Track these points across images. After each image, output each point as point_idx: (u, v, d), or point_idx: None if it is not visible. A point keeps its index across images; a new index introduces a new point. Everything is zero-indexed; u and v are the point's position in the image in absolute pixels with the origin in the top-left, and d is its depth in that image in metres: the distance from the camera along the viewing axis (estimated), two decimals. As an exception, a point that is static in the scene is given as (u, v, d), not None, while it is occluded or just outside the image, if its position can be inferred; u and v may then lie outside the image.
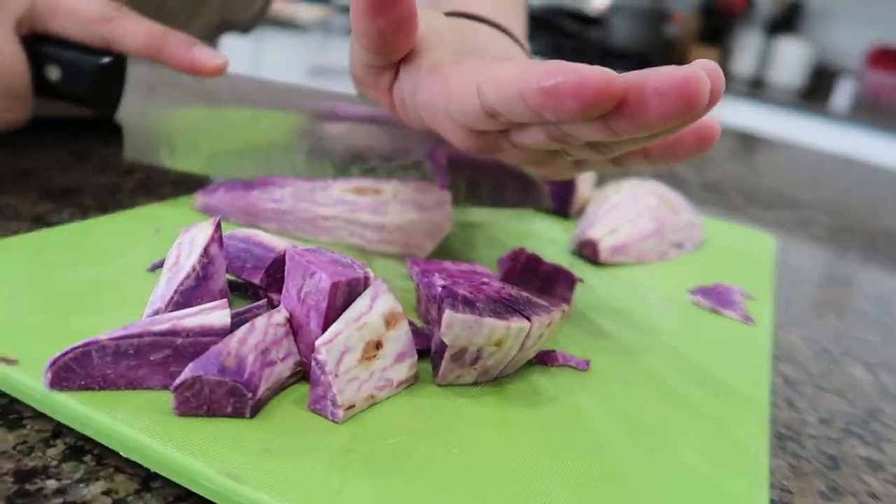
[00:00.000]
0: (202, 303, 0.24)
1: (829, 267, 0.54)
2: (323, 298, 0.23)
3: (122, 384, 0.21)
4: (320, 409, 0.22)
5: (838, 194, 0.86)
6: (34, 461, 0.20)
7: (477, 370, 0.25)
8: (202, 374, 0.20)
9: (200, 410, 0.21)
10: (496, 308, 0.25)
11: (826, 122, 2.37)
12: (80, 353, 0.21)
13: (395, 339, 0.24)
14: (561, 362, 0.28)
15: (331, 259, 0.24)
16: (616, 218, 0.42)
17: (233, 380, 0.20)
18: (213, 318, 0.22)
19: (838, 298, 0.47)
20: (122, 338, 0.21)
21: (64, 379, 0.21)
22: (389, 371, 0.23)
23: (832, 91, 2.67)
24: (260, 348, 0.22)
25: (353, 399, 0.22)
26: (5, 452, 0.20)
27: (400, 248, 0.36)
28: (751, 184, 0.81)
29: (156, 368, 0.22)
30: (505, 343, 0.24)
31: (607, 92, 0.20)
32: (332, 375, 0.22)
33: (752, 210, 0.67)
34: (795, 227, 0.64)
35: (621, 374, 0.28)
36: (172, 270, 0.25)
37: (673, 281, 0.40)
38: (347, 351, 0.22)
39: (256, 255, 0.27)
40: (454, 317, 0.23)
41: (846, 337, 0.40)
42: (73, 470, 0.20)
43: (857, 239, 0.64)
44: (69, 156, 0.45)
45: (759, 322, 0.36)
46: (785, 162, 1.06)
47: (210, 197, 0.37)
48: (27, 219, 0.35)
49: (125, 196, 0.40)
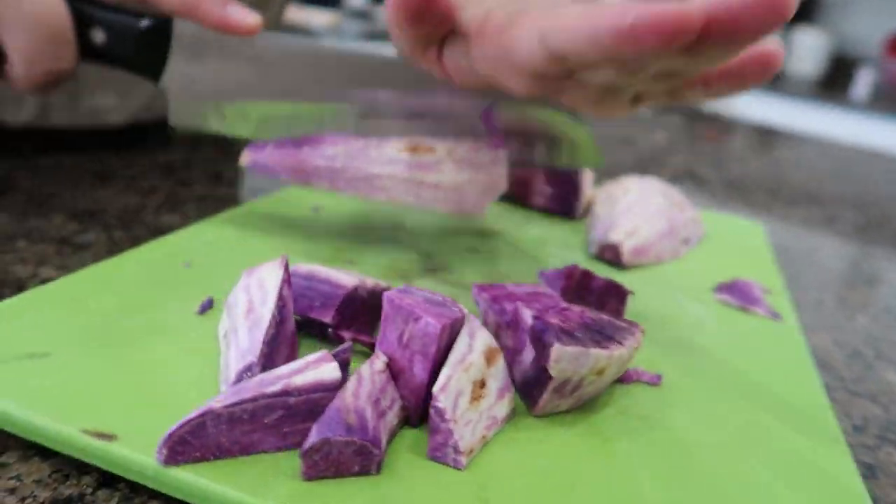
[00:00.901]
0: (281, 348, 0.24)
1: (858, 265, 0.53)
2: (431, 342, 0.22)
3: (237, 451, 0.20)
4: (441, 457, 0.21)
5: (864, 188, 0.84)
6: (69, 489, 0.20)
7: (574, 398, 0.25)
8: (330, 437, 0.19)
9: (329, 472, 0.20)
10: (594, 336, 0.24)
11: (846, 113, 2.34)
12: (195, 424, 0.20)
13: (495, 376, 0.23)
14: (634, 379, 0.28)
15: (425, 299, 0.23)
16: (633, 219, 0.42)
17: (360, 438, 0.20)
18: (324, 372, 0.21)
19: (868, 298, 0.46)
20: (236, 404, 0.20)
21: (179, 453, 0.20)
22: (494, 409, 0.23)
23: (852, 81, 2.62)
24: (372, 399, 0.21)
25: (471, 443, 0.22)
26: (41, 481, 0.20)
27: (455, 207, 0.36)
28: (774, 180, 0.80)
29: (269, 431, 0.21)
30: (607, 371, 0.24)
31: (689, 24, 0.20)
32: (452, 422, 0.21)
33: (777, 208, 0.66)
34: (822, 224, 0.63)
35: (691, 387, 0.29)
36: (250, 318, 0.24)
37: (693, 280, 0.40)
38: (460, 395, 0.22)
39: (323, 292, 0.27)
40: (563, 350, 0.23)
41: (879, 339, 0.39)
42: (107, 498, 0.20)
43: (887, 235, 0.63)
44: (91, 177, 0.45)
45: (786, 318, 0.37)
46: (807, 156, 1.04)
47: (259, 154, 0.35)
48: (54, 240, 0.35)
49: (149, 214, 0.40)
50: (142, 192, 0.44)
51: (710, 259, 0.44)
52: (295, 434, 0.21)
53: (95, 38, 0.35)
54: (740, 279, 0.40)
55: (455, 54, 0.30)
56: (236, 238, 0.35)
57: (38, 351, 0.23)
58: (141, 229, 0.38)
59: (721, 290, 0.39)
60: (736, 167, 0.84)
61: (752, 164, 0.90)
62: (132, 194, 0.43)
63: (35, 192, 0.41)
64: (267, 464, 0.20)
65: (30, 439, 0.21)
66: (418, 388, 0.22)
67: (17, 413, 0.21)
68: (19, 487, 0.20)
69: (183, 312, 0.28)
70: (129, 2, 0.34)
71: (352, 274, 0.28)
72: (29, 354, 0.23)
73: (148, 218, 0.40)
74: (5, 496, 0.20)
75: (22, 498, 0.20)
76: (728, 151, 0.98)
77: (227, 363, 0.23)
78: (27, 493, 0.20)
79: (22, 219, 0.37)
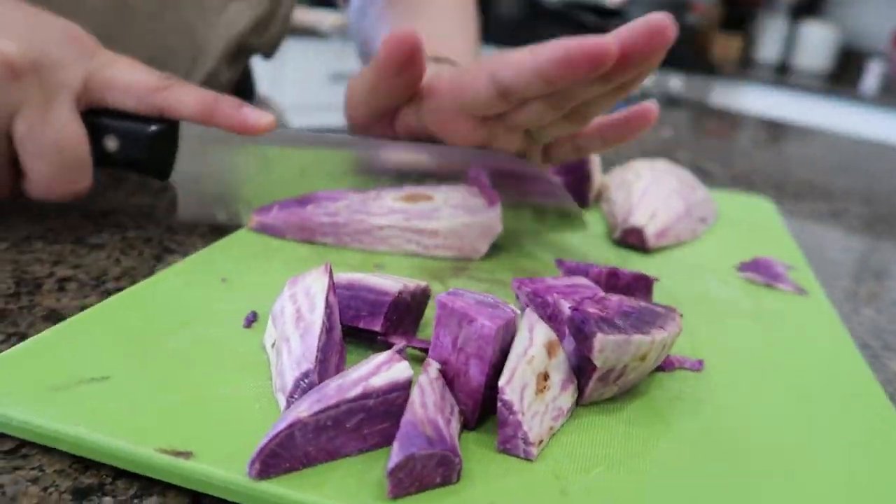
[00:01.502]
0: (331, 355, 0.24)
1: (865, 259, 0.53)
2: (487, 344, 0.22)
3: (322, 458, 0.20)
4: (511, 449, 0.22)
5: (872, 182, 0.84)
6: (89, 479, 0.21)
7: (618, 385, 0.25)
8: (414, 452, 0.19)
9: (413, 488, 0.20)
10: (634, 323, 0.24)
11: (855, 106, 2.32)
12: (285, 435, 0.20)
13: (557, 368, 0.24)
14: (676, 366, 0.28)
15: (476, 301, 0.23)
16: (651, 202, 0.43)
17: (442, 449, 0.20)
18: (397, 372, 0.21)
19: (875, 291, 0.46)
20: (321, 411, 0.20)
21: (271, 466, 0.20)
22: (559, 400, 0.23)
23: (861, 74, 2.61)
24: (439, 407, 0.21)
25: (540, 434, 0.22)
26: (63, 471, 0.21)
27: (456, 252, 0.37)
28: (781, 174, 0.80)
29: (351, 435, 0.21)
30: (649, 356, 0.25)
31: (609, 51, 0.26)
32: (520, 414, 0.22)
33: (785, 202, 0.66)
34: (829, 218, 0.63)
35: (736, 369, 0.29)
36: (300, 326, 0.24)
37: (716, 259, 0.41)
38: (525, 387, 0.22)
39: (369, 300, 0.27)
40: (606, 340, 0.23)
41: (885, 331, 0.40)
42: (127, 486, 0.21)
43: (894, 229, 0.63)
44: (106, 179, 0.46)
45: (812, 293, 0.38)
46: (815, 150, 1.04)
47: (265, 216, 0.37)
48: (69, 240, 0.36)
49: (160, 214, 0.41)
50: (153, 194, 0.44)
51: (728, 237, 0.45)
52: (374, 435, 0.21)
53: (108, 145, 0.36)
54: (761, 257, 0.41)
55: (406, 116, 0.37)
56: (265, 251, 0.36)
57: (97, 375, 0.23)
58: (153, 229, 0.39)
59: (745, 268, 0.40)
60: (743, 161, 0.84)
61: (759, 158, 0.90)
62: (144, 195, 0.44)
63: (50, 194, 0.42)
64: (347, 471, 0.20)
65: (105, 462, 0.21)
66: (475, 391, 0.22)
67: (90, 437, 0.21)
68: (41, 477, 0.21)
69: (228, 326, 0.28)
70: (148, 111, 0.36)
71: (392, 278, 0.28)
72: (89, 379, 0.23)
73: (159, 218, 0.41)
74: (28, 486, 0.20)
75: (44, 487, 0.20)
76: (735, 146, 0.98)
77: (280, 372, 0.23)
78: (49, 483, 0.20)
79: (39, 220, 0.38)
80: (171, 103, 0.35)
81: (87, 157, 0.35)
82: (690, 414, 0.25)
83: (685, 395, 0.26)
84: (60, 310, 0.29)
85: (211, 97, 0.36)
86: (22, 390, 0.22)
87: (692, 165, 0.77)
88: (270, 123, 0.36)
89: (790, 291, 0.38)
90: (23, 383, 0.23)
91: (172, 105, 0.35)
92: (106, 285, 0.32)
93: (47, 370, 0.24)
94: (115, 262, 0.34)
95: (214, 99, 0.36)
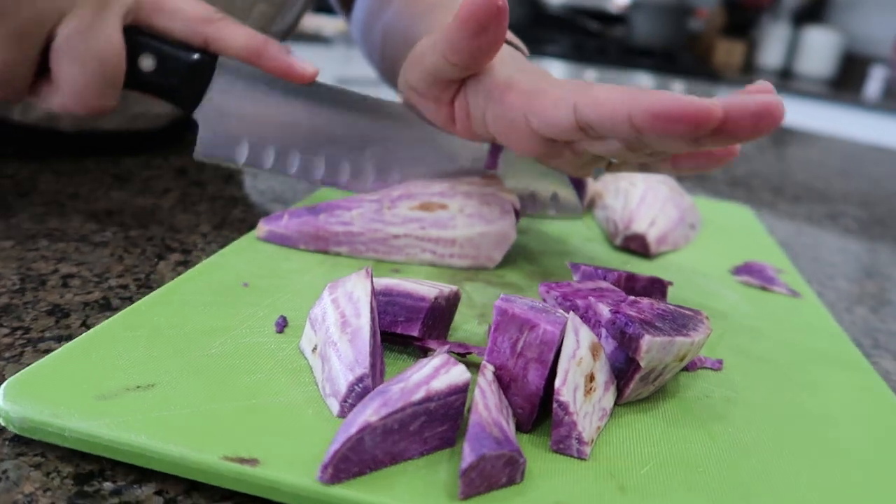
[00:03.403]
0: (378, 359, 0.24)
1: (860, 260, 0.53)
2: (549, 349, 0.23)
3: (387, 462, 0.21)
4: (565, 449, 0.22)
5: (871, 186, 0.85)
6: (91, 465, 0.22)
7: (655, 385, 0.26)
8: (486, 452, 0.20)
9: (482, 488, 0.20)
10: (671, 325, 0.25)
11: (858, 112, 2.32)
12: (355, 440, 0.20)
13: (600, 369, 0.24)
14: (699, 366, 0.29)
15: (530, 307, 0.24)
16: (650, 210, 0.44)
17: (509, 450, 0.20)
18: (455, 375, 0.22)
19: (868, 292, 0.46)
20: (388, 415, 0.20)
21: (342, 471, 0.20)
22: (603, 401, 0.24)
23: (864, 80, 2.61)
24: (499, 409, 0.22)
25: (591, 433, 0.23)
26: (64, 457, 0.22)
27: (471, 261, 0.37)
28: (780, 178, 0.80)
29: (413, 438, 0.21)
30: (687, 357, 0.25)
31: (712, 118, 0.24)
32: (574, 415, 0.22)
33: (781, 205, 0.67)
34: (826, 220, 0.63)
35: (752, 368, 0.30)
36: (348, 331, 0.24)
37: (711, 263, 0.43)
38: (577, 388, 0.23)
39: (406, 306, 0.27)
40: (653, 341, 0.23)
41: (876, 330, 0.40)
42: (126, 472, 0.21)
43: (891, 231, 0.63)
44: (111, 179, 0.47)
45: (804, 295, 0.40)
46: (815, 154, 1.04)
47: (275, 225, 0.37)
48: (73, 238, 0.37)
49: (163, 213, 0.42)
50: (156, 193, 0.45)
51: (717, 243, 0.47)
52: (434, 438, 0.21)
53: (143, 64, 0.36)
54: (753, 261, 0.43)
55: (473, 103, 0.34)
56: (278, 254, 0.36)
57: (142, 382, 0.23)
58: (155, 228, 0.40)
59: (739, 271, 0.41)
60: (743, 165, 0.85)
61: (759, 161, 0.90)
62: (147, 195, 0.45)
63: (56, 194, 0.43)
64: (411, 475, 0.21)
65: (166, 472, 0.21)
66: (532, 395, 0.23)
67: (152, 446, 0.21)
68: (44, 463, 0.21)
69: (261, 331, 0.28)
70: (193, 40, 0.36)
71: (427, 283, 0.28)
72: (135, 386, 0.23)
73: (162, 217, 0.41)
74: (31, 471, 0.21)
75: (47, 472, 0.21)
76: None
77: (330, 377, 0.24)
78: (51, 469, 0.21)
79: (44, 219, 0.39)
80: (221, 36, 0.36)
81: (121, 72, 0.35)
82: (721, 412, 0.26)
83: (712, 394, 0.28)
84: (63, 305, 0.30)
85: (261, 38, 0.36)
86: (69, 400, 0.22)
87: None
88: (315, 73, 0.36)
89: (784, 294, 0.39)
90: (67, 393, 0.22)
91: (221, 37, 0.36)
92: (108, 282, 0.33)
93: (89, 378, 0.23)
94: (118, 260, 0.35)
95: (264, 41, 0.36)
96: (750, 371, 0.30)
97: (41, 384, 0.23)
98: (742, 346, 0.32)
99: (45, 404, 0.22)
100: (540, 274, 0.38)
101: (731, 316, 0.35)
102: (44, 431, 0.21)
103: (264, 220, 0.37)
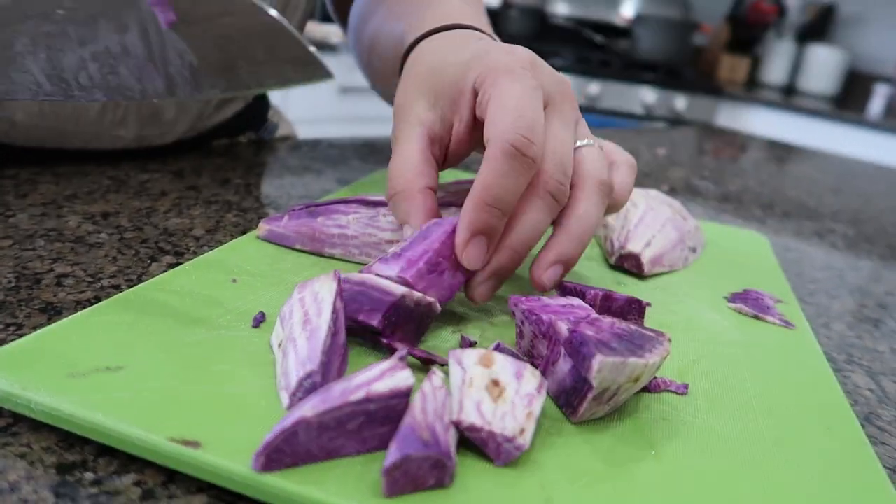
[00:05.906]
0: (334, 358, 0.25)
1: (844, 277, 0.54)
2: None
3: (322, 457, 0.22)
4: (504, 455, 0.22)
5: (863, 203, 0.85)
6: (74, 456, 0.23)
7: (610, 405, 0.26)
8: (410, 453, 0.20)
9: (407, 488, 0.21)
10: (628, 346, 0.25)
11: (861, 130, 2.33)
12: (290, 433, 0.21)
13: (503, 367, 0.24)
14: (662, 388, 0.29)
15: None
16: (648, 230, 0.44)
17: (436, 452, 0.21)
18: (399, 380, 0.22)
19: (847, 308, 0.47)
20: (325, 412, 0.21)
21: (275, 461, 0.21)
22: (522, 389, 0.24)
23: (867, 98, 2.62)
24: (438, 414, 0.22)
25: (519, 424, 0.23)
26: (49, 448, 0.23)
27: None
28: (771, 194, 0.81)
29: (351, 436, 0.22)
30: (641, 378, 0.25)
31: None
32: (487, 425, 0.22)
33: (770, 221, 0.67)
34: (813, 237, 0.64)
35: (718, 397, 0.30)
36: (307, 329, 0.25)
37: (707, 288, 0.42)
38: (480, 403, 0.23)
39: (373, 297, 0.28)
40: (605, 361, 0.24)
41: (853, 346, 0.41)
42: (107, 463, 0.22)
43: (877, 249, 0.64)
44: (109, 182, 0.48)
45: (799, 327, 0.39)
46: (810, 170, 1.05)
47: (275, 225, 0.38)
48: (69, 239, 0.38)
49: (159, 216, 0.43)
50: (153, 196, 0.46)
51: (718, 268, 0.46)
52: (373, 439, 0.22)
53: None
54: (751, 289, 0.42)
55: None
56: (274, 254, 0.37)
57: (112, 364, 0.25)
58: (151, 230, 0.41)
59: (735, 298, 0.40)
60: (736, 181, 0.86)
61: (752, 177, 0.91)
62: (144, 198, 0.46)
63: (55, 195, 0.44)
64: (346, 471, 0.21)
65: (117, 448, 0.22)
66: None
67: (106, 423, 0.22)
68: (28, 453, 0.22)
69: (238, 325, 0.29)
70: None
71: (404, 286, 0.29)
72: (105, 367, 0.24)
73: (157, 220, 0.42)
74: (17, 460, 0.22)
75: (31, 462, 0.22)
76: (730, 166, 0.99)
77: (285, 371, 0.24)
78: (35, 458, 0.22)
79: (41, 219, 0.40)
80: None
81: None
82: (674, 435, 0.26)
83: (670, 417, 0.27)
84: (56, 303, 0.31)
85: None
86: (42, 376, 0.24)
87: (684, 183, 0.79)
88: None
89: (777, 324, 0.38)
90: (43, 369, 0.24)
91: None
92: (101, 282, 0.34)
93: (66, 358, 0.25)
94: (112, 261, 0.36)
95: None
96: (717, 398, 0.29)
97: (19, 359, 0.24)
98: (715, 372, 0.32)
99: (18, 377, 0.23)
100: (528, 288, 0.38)
101: (712, 342, 0.35)
102: (13, 402, 0.23)
103: (265, 219, 0.39)
